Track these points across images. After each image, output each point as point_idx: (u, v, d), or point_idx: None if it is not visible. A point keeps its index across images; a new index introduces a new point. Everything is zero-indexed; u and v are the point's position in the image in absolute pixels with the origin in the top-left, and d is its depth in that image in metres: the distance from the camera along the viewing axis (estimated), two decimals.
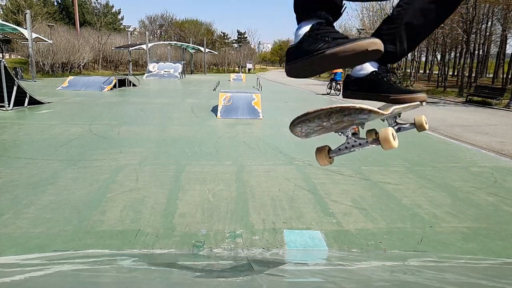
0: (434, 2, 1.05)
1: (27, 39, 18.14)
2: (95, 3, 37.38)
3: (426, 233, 2.72)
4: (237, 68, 46.37)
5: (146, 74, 24.15)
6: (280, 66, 75.19)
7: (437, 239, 2.63)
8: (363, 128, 1.29)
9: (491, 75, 27.59)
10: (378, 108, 1.08)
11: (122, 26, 43.32)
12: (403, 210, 3.16)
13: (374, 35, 1.07)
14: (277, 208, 3.13)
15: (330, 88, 16.40)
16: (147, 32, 33.24)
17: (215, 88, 15.46)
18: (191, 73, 35.12)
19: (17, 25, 20.14)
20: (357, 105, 0.98)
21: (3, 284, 1.36)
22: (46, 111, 8.31)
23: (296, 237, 2.62)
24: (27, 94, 8.72)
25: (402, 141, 5.87)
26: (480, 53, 25.86)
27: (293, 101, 12.80)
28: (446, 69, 22.51)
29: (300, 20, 0.95)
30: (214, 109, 8.93)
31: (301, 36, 0.92)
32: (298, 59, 0.91)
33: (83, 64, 25.51)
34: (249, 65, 48.15)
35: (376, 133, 1.17)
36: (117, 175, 3.85)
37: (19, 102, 8.56)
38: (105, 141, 5.51)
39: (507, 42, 23.30)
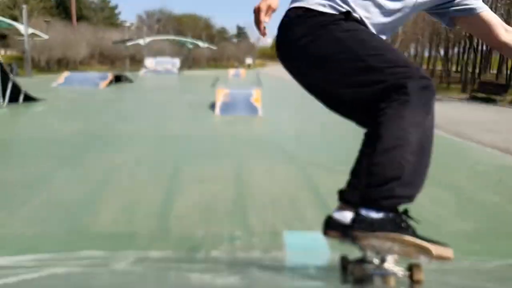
0: None
1: (23, 34, 17.93)
2: None
3: (429, 233, 2.66)
4: (237, 63, 46.18)
5: (143, 70, 23.98)
6: None
7: (440, 240, 2.57)
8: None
9: (495, 71, 27.49)
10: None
11: (119, 21, 42.99)
12: None
13: None
14: (277, 208, 3.06)
15: None
16: (144, 27, 32.98)
17: (213, 84, 15.36)
18: (189, 69, 34.93)
19: (13, 20, 19.90)
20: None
21: None
22: (41, 108, 8.22)
23: (296, 239, 2.55)
24: (22, 91, 8.61)
25: None
26: (484, 48, 25.75)
27: (292, 97, 12.72)
28: (450, 65, 22.38)
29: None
30: (213, 106, 8.84)
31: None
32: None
33: (79, 60, 25.32)
34: (248, 60, 47.96)
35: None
36: (112, 175, 3.78)
37: (13, 99, 8.45)
38: (100, 140, 5.44)
39: None
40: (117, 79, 15.17)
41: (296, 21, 1.03)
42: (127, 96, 11.36)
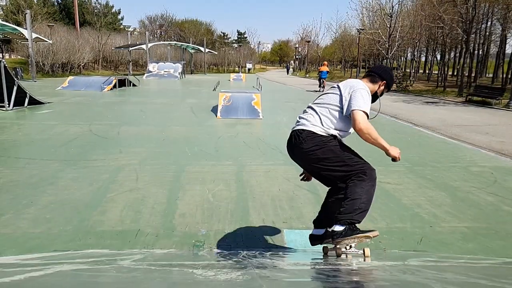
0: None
1: (27, 39, 18.12)
2: (95, 3, 37.36)
3: (426, 233, 2.72)
4: (237, 68, 46.35)
5: (146, 74, 24.13)
6: (280, 66, 75.14)
7: (437, 239, 2.63)
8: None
9: (490, 75, 27.55)
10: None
11: (122, 26, 43.30)
12: (403, 210, 3.16)
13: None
14: (277, 208, 3.12)
15: (319, 86, 17.81)
16: (147, 32, 33.21)
17: (215, 88, 15.46)
18: (191, 73, 35.10)
19: (17, 25, 20.11)
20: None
21: (3, 284, 1.36)
22: (46, 111, 8.31)
23: (296, 237, 2.62)
24: (27, 94, 8.71)
25: (402, 141, 5.91)
26: (480, 53, 25.84)
27: (292, 101, 12.80)
28: (446, 69, 22.48)
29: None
30: (214, 109, 8.93)
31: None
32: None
33: (83, 64, 25.49)
34: (249, 65, 48.13)
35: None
36: (117, 175, 3.85)
37: (19, 102, 8.56)
38: (105, 141, 5.51)
39: (507, 42, 23.31)
40: (121, 83, 15.31)
41: (308, 138, 1.90)
42: (131, 100, 11.45)
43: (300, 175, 2.24)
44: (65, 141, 5.40)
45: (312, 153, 1.86)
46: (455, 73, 26.91)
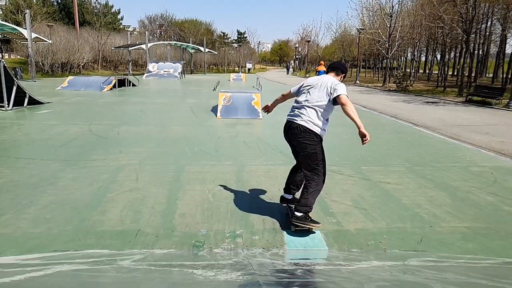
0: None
1: (26, 39, 18.10)
2: (95, 3, 37.32)
3: (426, 233, 2.72)
4: (237, 68, 46.36)
5: (145, 74, 24.12)
6: (280, 66, 75.13)
7: (437, 239, 2.63)
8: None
9: (490, 75, 27.57)
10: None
11: (121, 26, 43.26)
12: (403, 210, 3.16)
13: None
14: (277, 207, 3.12)
15: None
16: (146, 32, 33.18)
17: (215, 88, 15.46)
18: (191, 73, 35.09)
19: (17, 25, 20.08)
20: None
21: (3, 284, 1.36)
22: (45, 111, 8.31)
23: (296, 237, 2.62)
24: (27, 94, 8.71)
25: (402, 141, 5.89)
26: (480, 53, 25.86)
27: (292, 101, 12.78)
28: (446, 69, 22.49)
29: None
30: (214, 109, 8.92)
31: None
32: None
33: (82, 64, 25.47)
34: (248, 65, 48.11)
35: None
36: (117, 175, 3.85)
37: (18, 102, 8.55)
38: (105, 141, 5.51)
39: (507, 42, 23.31)
40: (121, 83, 15.30)
41: (307, 132, 2.64)
42: (131, 100, 11.44)
43: (263, 109, 3.25)
44: (65, 141, 5.40)
45: (304, 144, 2.65)
46: (455, 73, 26.93)
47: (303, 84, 2.87)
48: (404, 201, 3.35)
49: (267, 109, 3.16)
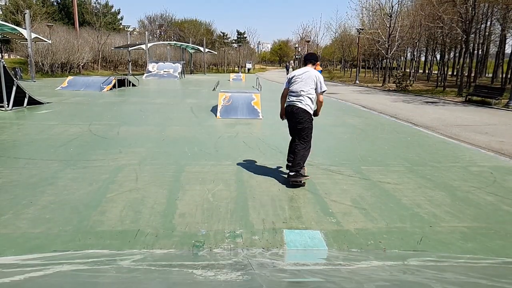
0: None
1: (26, 39, 18.10)
2: (94, 3, 37.31)
3: (425, 232, 2.72)
4: (237, 68, 46.37)
5: (145, 74, 24.12)
6: (280, 66, 75.14)
7: (437, 239, 2.63)
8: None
9: (490, 75, 27.63)
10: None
11: (121, 26, 43.25)
12: (402, 209, 3.16)
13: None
14: (277, 208, 3.13)
15: None
16: (146, 32, 33.17)
17: (214, 88, 15.46)
18: (191, 73, 35.09)
19: (16, 25, 20.07)
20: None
21: (3, 284, 1.36)
22: (45, 111, 8.30)
23: (295, 237, 2.62)
24: (27, 94, 8.71)
25: (402, 141, 5.91)
26: (480, 53, 25.89)
27: None
28: (446, 69, 22.52)
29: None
30: (214, 109, 8.93)
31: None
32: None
33: (82, 64, 25.46)
34: (248, 65, 48.13)
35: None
36: (117, 175, 3.85)
37: (18, 102, 8.55)
38: (104, 141, 5.51)
39: (506, 42, 23.34)
40: (121, 83, 15.29)
41: (306, 113, 3.66)
42: (131, 100, 11.44)
43: (281, 118, 3.99)
44: (64, 141, 5.40)
45: (303, 121, 3.63)
46: (455, 73, 26.95)
47: (293, 76, 3.70)
48: (403, 201, 3.36)
49: (282, 117, 3.91)
